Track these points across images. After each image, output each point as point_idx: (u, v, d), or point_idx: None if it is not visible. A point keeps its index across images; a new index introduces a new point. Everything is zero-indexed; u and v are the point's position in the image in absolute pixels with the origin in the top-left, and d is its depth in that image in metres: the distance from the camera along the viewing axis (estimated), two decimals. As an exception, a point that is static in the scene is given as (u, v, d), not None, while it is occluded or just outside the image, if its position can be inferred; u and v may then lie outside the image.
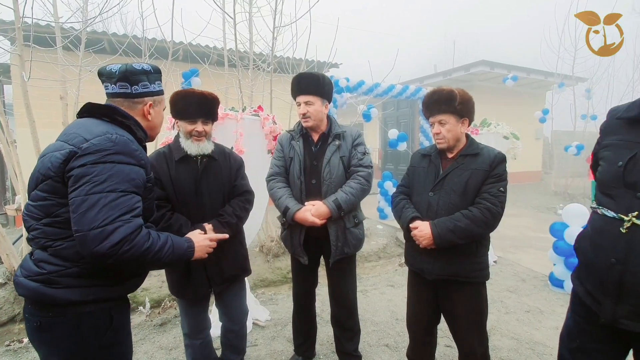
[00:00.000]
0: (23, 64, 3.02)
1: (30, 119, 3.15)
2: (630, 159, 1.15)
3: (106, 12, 3.86)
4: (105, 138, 1.12)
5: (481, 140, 2.08)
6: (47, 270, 1.11)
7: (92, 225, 1.03)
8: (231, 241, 1.90)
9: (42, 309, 1.14)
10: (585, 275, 1.33)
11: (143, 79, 1.30)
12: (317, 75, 2.05)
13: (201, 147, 1.83)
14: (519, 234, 6.00)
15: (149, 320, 3.10)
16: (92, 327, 1.16)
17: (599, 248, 1.24)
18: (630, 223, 1.13)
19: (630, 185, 1.15)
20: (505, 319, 3.10)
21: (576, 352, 1.36)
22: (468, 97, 1.75)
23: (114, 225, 1.06)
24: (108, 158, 1.09)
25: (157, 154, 1.90)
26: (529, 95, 11.74)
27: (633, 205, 1.14)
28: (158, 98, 1.39)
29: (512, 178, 1.48)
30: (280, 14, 4.39)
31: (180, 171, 1.83)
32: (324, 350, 2.63)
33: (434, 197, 1.77)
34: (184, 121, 1.82)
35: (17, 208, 5.62)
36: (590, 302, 1.28)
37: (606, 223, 1.22)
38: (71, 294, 1.11)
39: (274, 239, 4.52)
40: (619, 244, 1.16)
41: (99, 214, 1.04)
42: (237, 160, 2.03)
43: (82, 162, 1.08)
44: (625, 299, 1.16)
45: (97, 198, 1.05)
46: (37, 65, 3.13)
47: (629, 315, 1.15)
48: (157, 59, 4.83)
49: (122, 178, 1.10)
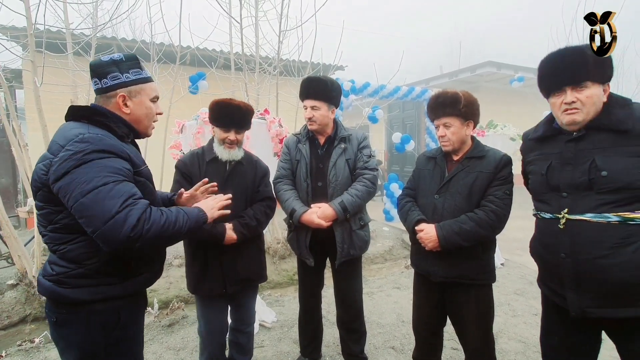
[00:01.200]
0: (35, 69, 3.09)
1: (42, 123, 3.22)
2: (549, 167, 1.39)
3: (116, 18, 3.92)
4: (77, 140, 1.10)
5: (487, 142, 2.08)
6: (56, 272, 1.17)
7: (103, 220, 1.04)
8: (249, 244, 1.99)
9: (57, 307, 1.19)
10: (546, 275, 1.47)
11: (112, 70, 1.22)
12: (325, 81, 2.08)
13: (232, 154, 1.95)
14: (526, 236, 5.86)
15: (157, 321, 3.13)
16: (100, 324, 1.20)
17: (548, 247, 1.41)
18: (564, 219, 1.32)
19: (554, 188, 1.37)
20: (513, 322, 3.08)
21: (557, 348, 1.49)
22: (473, 100, 1.75)
23: (124, 211, 1.06)
24: (86, 157, 1.08)
25: (191, 154, 2.03)
26: (536, 96, 11.59)
27: (562, 204, 1.34)
28: (135, 88, 1.27)
29: (519, 180, 1.53)
30: (286, 17, 4.44)
31: (209, 172, 1.92)
32: (330, 352, 2.63)
33: (439, 199, 1.77)
34: (219, 129, 1.92)
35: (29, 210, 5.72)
36: (557, 300, 1.40)
37: (547, 224, 1.41)
38: (80, 293, 1.16)
39: (280, 241, 4.54)
40: (563, 240, 1.32)
41: (104, 207, 1.05)
42: (262, 168, 2.11)
43: (63, 172, 1.08)
44: (584, 289, 1.29)
45: (94, 195, 1.05)
46: (48, 70, 3.20)
47: (592, 303, 1.28)
48: (165, 63, 4.91)
49: (108, 171, 1.10)
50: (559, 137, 1.40)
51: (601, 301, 1.26)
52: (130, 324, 1.29)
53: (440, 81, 11.43)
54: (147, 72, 1.34)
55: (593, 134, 1.30)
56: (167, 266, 4.09)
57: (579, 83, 1.28)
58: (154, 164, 2.37)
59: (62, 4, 3.57)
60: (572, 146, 1.34)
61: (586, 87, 1.28)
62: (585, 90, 1.28)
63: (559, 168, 1.36)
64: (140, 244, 1.09)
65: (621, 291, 1.22)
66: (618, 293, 1.23)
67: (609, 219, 1.22)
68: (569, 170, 1.33)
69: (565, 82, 1.31)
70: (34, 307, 3.23)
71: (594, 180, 1.25)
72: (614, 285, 1.22)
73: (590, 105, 1.28)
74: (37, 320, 3.18)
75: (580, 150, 1.31)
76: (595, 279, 1.25)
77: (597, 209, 1.25)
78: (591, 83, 1.27)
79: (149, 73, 1.35)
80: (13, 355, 2.67)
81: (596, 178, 1.25)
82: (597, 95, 1.28)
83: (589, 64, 1.26)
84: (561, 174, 1.35)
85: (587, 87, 1.28)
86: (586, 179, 1.27)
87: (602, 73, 1.29)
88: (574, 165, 1.31)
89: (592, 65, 1.26)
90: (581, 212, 1.28)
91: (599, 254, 1.23)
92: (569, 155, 1.34)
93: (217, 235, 1.84)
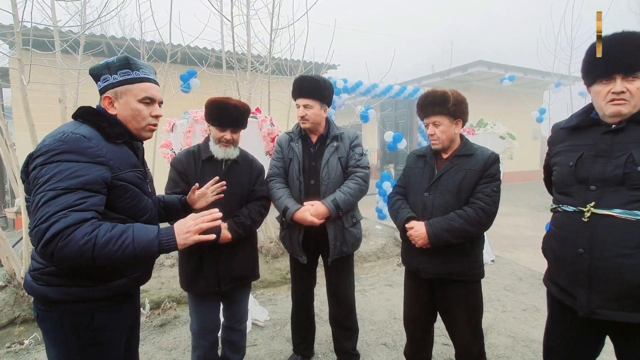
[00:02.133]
0: (22, 67, 3.04)
1: (30, 122, 3.17)
2: (579, 158, 1.32)
3: (105, 16, 3.87)
4: (56, 138, 1.11)
5: (477, 141, 2.11)
6: (33, 267, 1.20)
7: (34, 224, 1.04)
8: (244, 243, 1.99)
9: (37, 302, 1.22)
10: (556, 272, 1.42)
11: (104, 72, 1.25)
12: (318, 80, 2.09)
13: (227, 153, 1.95)
14: (516, 233, 6.03)
15: (149, 321, 3.11)
16: (72, 325, 1.19)
17: (566, 242, 1.34)
18: (590, 213, 1.25)
19: (583, 180, 1.30)
20: (502, 317, 3.13)
21: (559, 349, 1.45)
22: (461, 99, 1.78)
23: (48, 222, 1.02)
24: (54, 158, 1.08)
25: (186, 152, 2.03)
26: (526, 95, 11.79)
27: (588, 197, 1.27)
28: (121, 89, 1.25)
29: (509, 178, 1.51)
30: (277, 16, 4.43)
31: (205, 170, 1.93)
32: (323, 349, 2.65)
33: (429, 197, 1.80)
34: (215, 128, 1.92)
35: (16, 211, 5.62)
36: (565, 298, 1.36)
37: (568, 217, 1.34)
38: (50, 292, 1.16)
39: (273, 240, 4.54)
40: (583, 234, 1.27)
41: (37, 213, 1.04)
42: (258, 167, 2.12)
43: (33, 165, 1.11)
44: (597, 288, 1.23)
45: (39, 198, 1.05)
46: (36, 68, 3.15)
47: (603, 304, 1.22)
48: (156, 61, 4.86)
49: (65, 175, 1.06)
50: (595, 128, 1.32)
51: (613, 303, 1.20)
52: (107, 328, 1.25)
53: (432, 80, 11.52)
54: (143, 73, 1.29)
55: (633, 127, 1.22)
56: (159, 266, 4.06)
57: (632, 73, 1.19)
58: (144, 163, 2.34)
59: (50, 1, 3.52)
60: (608, 138, 1.26)
61: (638, 78, 1.19)
62: (636, 81, 1.19)
63: (590, 160, 1.29)
64: (56, 260, 1.03)
65: (636, 294, 1.16)
66: (632, 295, 1.17)
67: (639, 216, 1.16)
68: (601, 163, 1.25)
69: (616, 69, 1.21)
70: (23, 308, 3.19)
71: (628, 175, 1.18)
72: (630, 287, 1.16)
73: (639, 98, 1.20)
74: (26, 322, 3.13)
75: (617, 143, 1.24)
76: (610, 278, 1.19)
77: (627, 206, 1.18)
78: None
79: (145, 74, 1.29)
80: (2, 357, 2.64)
81: (631, 173, 1.18)
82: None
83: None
84: (592, 166, 1.27)
85: (638, 78, 1.19)
86: (620, 173, 1.20)
87: None
88: (608, 157, 1.24)
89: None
90: (609, 207, 1.21)
91: (621, 252, 1.17)
92: (604, 147, 1.26)
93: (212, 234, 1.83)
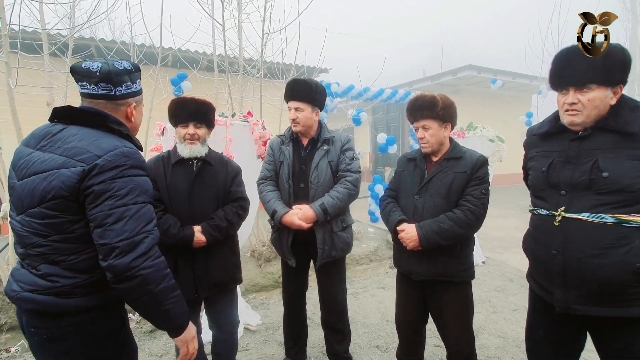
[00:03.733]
0: (9, 71, 2.99)
1: (17, 125, 3.11)
2: (550, 164, 1.39)
3: (94, 19, 3.84)
4: (118, 153, 1.12)
5: (467, 144, 2.14)
6: (61, 283, 1.10)
7: (120, 237, 1.06)
8: (221, 247, 1.93)
9: (52, 320, 1.12)
10: (535, 270, 1.49)
11: (126, 79, 1.24)
12: (310, 83, 2.10)
13: (194, 150, 1.90)
14: (506, 235, 6.10)
15: (138, 327, 3.07)
16: (108, 329, 1.20)
17: (541, 243, 1.42)
18: (560, 217, 1.33)
19: (554, 185, 1.38)
20: (493, 318, 3.17)
21: (540, 342, 1.52)
22: (450, 103, 1.81)
23: (141, 235, 1.10)
24: (125, 173, 1.11)
25: (156, 158, 1.99)
26: (514, 98, 11.99)
27: (559, 201, 1.35)
28: (139, 98, 1.34)
29: (499, 180, 1.55)
30: (269, 20, 4.44)
31: (175, 174, 1.90)
32: (315, 352, 2.64)
33: (419, 200, 1.82)
34: (179, 126, 1.92)
35: (2, 216, 5.50)
36: (544, 295, 1.43)
37: (542, 220, 1.42)
38: (87, 301, 1.13)
39: (265, 244, 4.53)
40: (556, 237, 1.34)
41: (126, 226, 1.07)
42: (234, 168, 2.07)
43: (101, 179, 1.08)
44: (571, 286, 1.31)
45: (122, 211, 1.08)
46: (23, 72, 3.11)
47: (578, 300, 1.30)
48: (146, 64, 4.81)
49: (140, 190, 1.13)
50: (564, 134, 1.39)
51: (587, 299, 1.27)
52: (127, 328, 1.32)
53: (423, 84, 11.63)
54: None
55: (598, 134, 1.29)
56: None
57: (583, 85, 1.26)
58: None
59: (38, 4, 3.47)
60: (576, 145, 1.33)
61: (590, 90, 1.25)
62: (588, 92, 1.25)
63: (560, 166, 1.36)
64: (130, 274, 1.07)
65: (608, 291, 1.23)
66: (604, 292, 1.24)
67: (605, 219, 1.23)
68: (569, 169, 1.33)
69: (569, 82, 1.29)
70: (10, 315, 3.11)
71: (594, 181, 1.25)
72: (601, 284, 1.24)
73: (592, 109, 1.26)
74: (13, 329, 3.06)
75: (583, 150, 1.31)
76: (583, 277, 1.27)
77: (593, 209, 1.25)
78: (596, 86, 1.24)
79: None
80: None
81: (597, 178, 1.24)
82: (600, 98, 1.25)
83: (596, 66, 1.23)
84: (562, 172, 1.35)
85: (590, 90, 1.25)
86: (586, 179, 1.26)
87: (611, 77, 1.25)
88: (576, 164, 1.31)
89: (599, 68, 1.22)
90: (577, 211, 1.28)
91: (591, 253, 1.24)
92: (572, 154, 1.33)
93: (184, 238, 1.79)
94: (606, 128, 1.28)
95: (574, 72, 1.28)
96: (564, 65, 1.31)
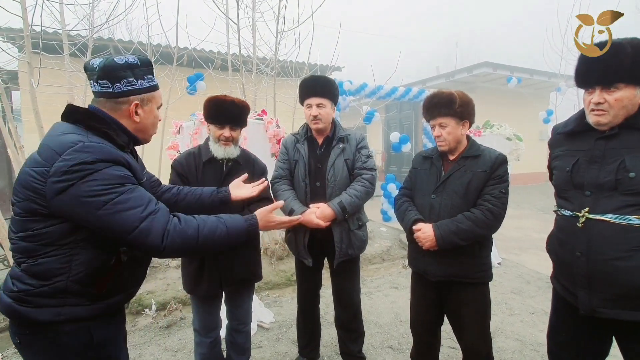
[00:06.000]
0: (32, 70, 3.08)
1: (39, 124, 3.21)
2: (574, 164, 1.36)
3: (112, 20, 3.92)
4: (77, 149, 1.00)
5: (484, 142, 2.10)
6: (17, 288, 1.04)
7: (128, 231, 1.03)
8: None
9: (19, 326, 1.07)
10: (560, 272, 1.46)
11: (127, 75, 1.13)
12: (329, 79, 2.11)
13: (227, 152, 1.92)
14: (523, 236, 5.97)
15: (155, 322, 3.12)
16: (71, 347, 1.08)
17: (565, 244, 1.39)
18: (584, 218, 1.30)
19: (578, 185, 1.34)
20: (510, 321, 3.10)
21: (564, 345, 1.48)
22: (468, 100, 1.77)
23: (147, 220, 1.05)
24: (90, 168, 1.00)
25: (187, 153, 2.01)
26: (532, 96, 11.70)
27: (584, 202, 1.31)
28: (148, 95, 1.20)
29: (516, 179, 1.52)
30: (283, 18, 4.45)
31: (206, 172, 1.93)
32: (328, 352, 2.64)
33: (436, 199, 1.79)
34: (214, 126, 1.91)
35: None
36: (568, 297, 1.40)
37: (566, 221, 1.39)
38: (40, 314, 1.03)
39: (278, 242, 4.55)
40: (580, 238, 1.31)
41: (126, 219, 1.03)
42: (260, 167, 2.09)
43: (67, 184, 0.98)
44: (596, 289, 1.28)
45: (112, 207, 1.01)
46: (45, 71, 3.20)
47: (603, 303, 1.26)
48: (163, 64, 4.90)
49: (116, 180, 1.04)
50: (590, 133, 1.34)
51: (612, 302, 1.24)
52: (107, 344, 1.17)
53: (437, 82, 11.48)
54: (155, 78, 1.27)
55: (625, 134, 1.25)
56: (165, 267, 4.08)
57: (610, 84, 1.22)
58: (151, 165, 2.37)
59: (59, 5, 3.57)
60: (602, 144, 1.30)
61: (617, 89, 1.22)
62: (615, 92, 1.22)
63: (585, 166, 1.32)
64: (168, 252, 1.07)
65: (633, 294, 1.20)
66: (629, 296, 1.21)
67: (631, 221, 1.19)
68: (595, 169, 1.29)
69: (595, 81, 1.25)
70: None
71: (620, 181, 1.22)
72: (626, 287, 1.20)
73: (619, 109, 1.23)
74: (2, 331, 3.05)
75: (609, 149, 1.27)
76: (607, 280, 1.24)
77: (619, 210, 1.22)
78: (624, 85, 1.21)
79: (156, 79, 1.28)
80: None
81: (623, 179, 1.21)
82: (629, 98, 1.22)
83: (624, 65, 1.19)
84: (587, 172, 1.31)
85: (618, 89, 1.22)
86: (612, 179, 1.23)
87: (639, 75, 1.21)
88: (601, 164, 1.28)
89: (627, 66, 1.19)
90: (602, 212, 1.25)
91: (615, 255, 1.21)
92: (598, 154, 1.30)
93: None
94: (634, 127, 1.24)
95: (601, 71, 1.23)
96: (591, 63, 1.26)
